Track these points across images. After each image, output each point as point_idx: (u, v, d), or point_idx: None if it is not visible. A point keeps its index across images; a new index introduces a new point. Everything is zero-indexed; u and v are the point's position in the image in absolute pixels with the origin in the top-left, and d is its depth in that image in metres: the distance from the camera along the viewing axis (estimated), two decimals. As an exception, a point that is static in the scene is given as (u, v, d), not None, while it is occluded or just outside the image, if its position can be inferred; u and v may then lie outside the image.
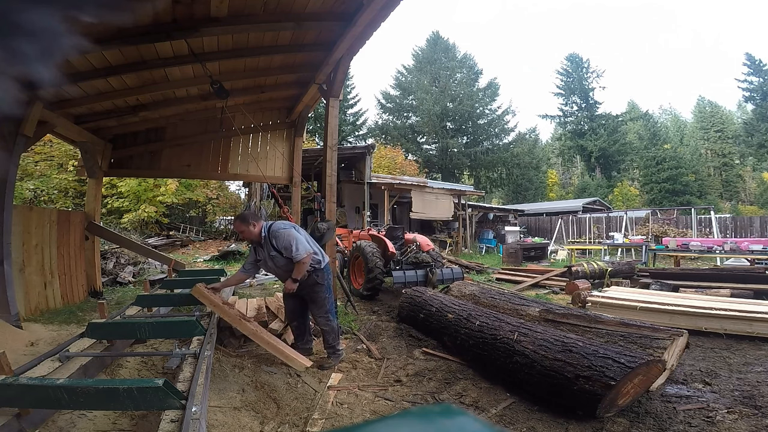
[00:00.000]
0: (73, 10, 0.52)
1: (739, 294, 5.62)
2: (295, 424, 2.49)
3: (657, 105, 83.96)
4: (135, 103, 5.44)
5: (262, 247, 3.37)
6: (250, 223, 3.30)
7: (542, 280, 8.03)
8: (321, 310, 3.46)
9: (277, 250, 3.28)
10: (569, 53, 49.79)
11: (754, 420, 2.43)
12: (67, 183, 13.00)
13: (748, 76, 36.28)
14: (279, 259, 3.31)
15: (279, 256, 3.29)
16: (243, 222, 3.35)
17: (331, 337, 3.46)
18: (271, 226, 3.34)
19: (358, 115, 36.65)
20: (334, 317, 3.56)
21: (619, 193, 33.55)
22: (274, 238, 3.26)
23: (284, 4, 3.82)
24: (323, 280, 3.46)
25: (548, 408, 2.67)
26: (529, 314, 4.10)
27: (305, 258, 3.22)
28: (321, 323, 3.48)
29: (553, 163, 46.07)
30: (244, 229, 3.31)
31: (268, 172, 7.01)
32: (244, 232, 3.31)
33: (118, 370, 2.93)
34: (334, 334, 3.48)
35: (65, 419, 2.18)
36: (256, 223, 3.33)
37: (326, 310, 3.46)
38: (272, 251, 3.30)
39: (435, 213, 15.28)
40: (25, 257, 4.56)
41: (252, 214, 3.42)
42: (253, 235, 3.32)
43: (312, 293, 3.45)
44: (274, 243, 3.27)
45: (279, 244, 3.25)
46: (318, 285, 3.43)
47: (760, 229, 14.74)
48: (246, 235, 3.35)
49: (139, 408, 1.82)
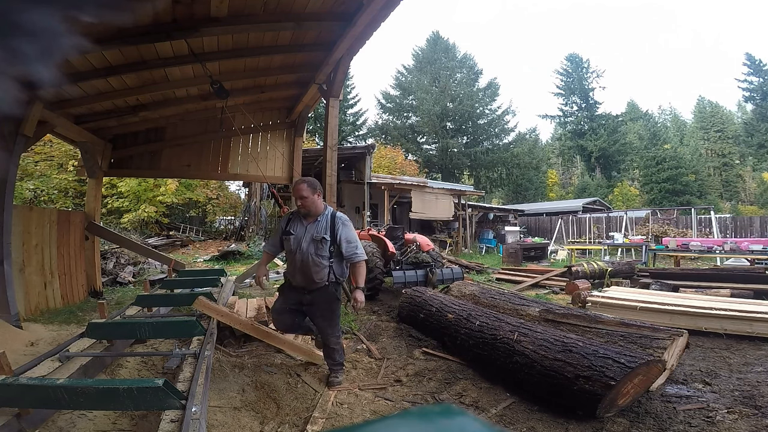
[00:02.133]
0: (73, 10, 0.52)
1: (739, 294, 5.62)
2: (295, 424, 2.49)
3: (657, 105, 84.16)
4: (135, 103, 5.44)
5: (311, 223, 2.87)
6: (318, 192, 2.85)
7: (542, 280, 8.02)
8: (335, 328, 3.02)
9: (334, 237, 2.82)
10: (569, 53, 49.87)
11: (754, 420, 2.42)
12: (67, 183, 13.00)
13: (748, 76, 36.35)
14: (323, 247, 2.81)
15: (325, 245, 2.81)
16: (312, 187, 2.83)
17: (339, 354, 3.10)
18: (336, 212, 2.95)
19: (358, 115, 36.67)
20: (340, 333, 3.23)
21: (619, 193, 33.56)
22: (341, 223, 2.84)
23: (284, 4, 3.82)
24: (340, 294, 3.09)
25: (548, 408, 2.67)
26: (529, 314, 4.10)
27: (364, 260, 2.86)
28: (332, 342, 3.02)
29: (553, 163, 46.06)
30: (308, 196, 2.79)
31: (268, 172, 7.00)
32: (307, 199, 2.79)
33: (118, 370, 2.93)
34: (342, 350, 3.16)
35: (65, 419, 2.18)
36: (321, 196, 2.92)
37: (339, 327, 3.11)
38: (326, 234, 2.81)
39: (435, 213, 15.28)
40: (25, 257, 4.56)
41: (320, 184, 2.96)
42: (315, 207, 2.84)
43: (326, 309, 2.96)
44: (338, 228, 2.83)
45: (344, 233, 2.83)
46: (336, 301, 3.00)
47: (760, 229, 14.74)
48: (308, 204, 2.81)
49: (139, 408, 1.82)
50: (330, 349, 3.04)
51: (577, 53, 47.65)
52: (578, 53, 50.11)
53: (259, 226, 15.14)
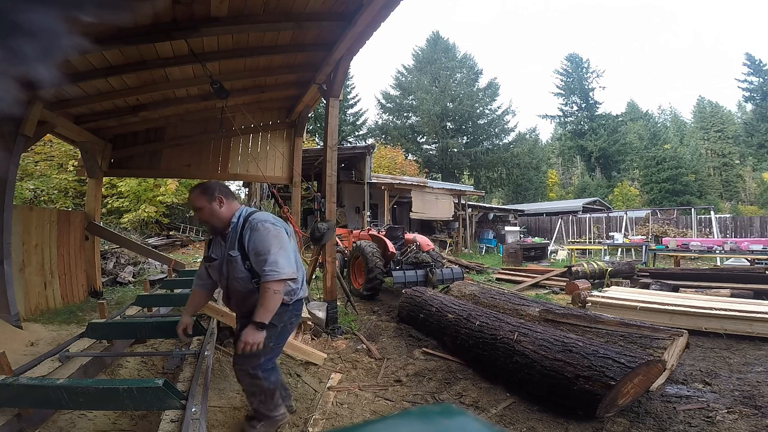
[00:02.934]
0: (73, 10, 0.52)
1: (739, 294, 5.62)
2: (295, 424, 2.49)
3: (657, 105, 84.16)
4: (135, 103, 5.44)
5: (224, 240, 2.12)
6: (216, 198, 2.05)
7: (542, 280, 8.02)
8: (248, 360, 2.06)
9: (245, 251, 2.02)
10: (569, 53, 49.93)
11: (754, 420, 2.42)
12: (67, 183, 13.00)
13: (748, 76, 36.35)
14: (238, 266, 2.03)
15: (237, 263, 2.03)
16: (204, 194, 2.06)
17: (257, 400, 2.15)
18: (251, 214, 2.10)
19: (358, 115, 36.66)
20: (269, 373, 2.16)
21: (619, 193, 33.56)
22: (250, 229, 2.01)
23: (284, 4, 3.81)
24: (281, 320, 2.10)
25: (548, 408, 2.67)
26: (529, 314, 4.10)
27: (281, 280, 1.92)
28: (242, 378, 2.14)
29: (553, 163, 46.08)
30: (203, 206, 2.05)
31: (268, 172, 7.00)
32: (203, 210, 2.05)
33: (118, 370, 2.93)
34: (263, 395, 2.14)
35: (65, 419, 2.18)
36: (226, 201, 2.09)
37: (257, 363, 2.08)
38: (234, 250, 2.03)
39: (435, 213, 15.28)
40: (25, 257, 4.56)
41: (223, 187, 2.15)
42: (218, 218, 2.07)
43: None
44: (245, 237, 2.01)
45: (252, 241, 1.99)
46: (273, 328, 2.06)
47: (760, 229, 14.74)
48: (205, 216, 2.07)
49: (139, 408, 1.82)
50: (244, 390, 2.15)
51: (577, 53, 47.79)
52: (578, 53, 50.25)
53: (259, 226, 15.11)
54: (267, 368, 2.14)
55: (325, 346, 3.97)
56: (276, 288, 1.92)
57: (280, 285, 1.93)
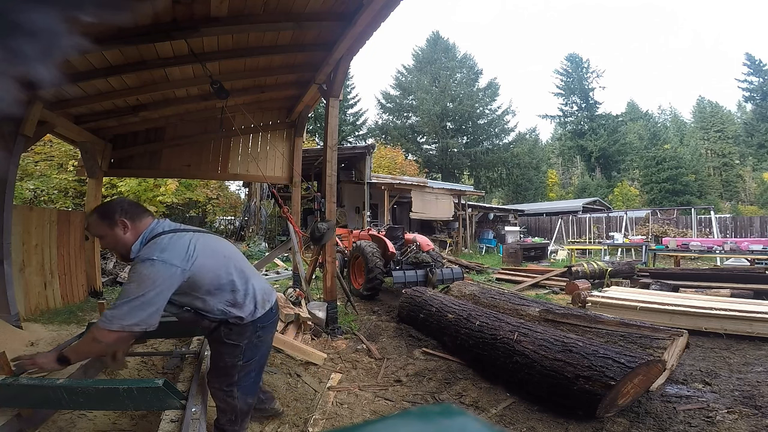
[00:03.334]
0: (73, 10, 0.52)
1: (739, 294, 5.62)
2: (295, 424, 2.49)
3: (657, 105, 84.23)
4: (135, 103, 5.44)
5: None
6: (117, 222, 1.68)
7: (542, 280, 8.02)
8: (222, 377, 1.92)
9: None
10: (569, 53, 49.94)
11: (754, 420, 2.42)
12: (67, 183, 13.00)
13: (748, 76, 36.38)
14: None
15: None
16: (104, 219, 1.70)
17: (225, 419, 1.97)
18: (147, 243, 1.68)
19: (358, 115, 36.68)
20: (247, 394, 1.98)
21: (619, 193, 33.58)
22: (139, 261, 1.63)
23: (284, 4, 3.81)
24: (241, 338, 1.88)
25: (548, 408, 2.67)
26: (529, 314, 4.10)
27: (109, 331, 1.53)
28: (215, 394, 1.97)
29: (553, 163, 46.10)
30: (104, 233, 1.71)
31: (268, 172, 7.00)
32: (105, 238, 1.73)
33: (118, 370, 2.93)
34: (233, 415, 1.96)
35: (65, 419, 2.18)
36: (131, 223, 1.70)
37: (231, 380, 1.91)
38: None
39: (435, 213, 15.28)
40: (25, 257, 4.56)
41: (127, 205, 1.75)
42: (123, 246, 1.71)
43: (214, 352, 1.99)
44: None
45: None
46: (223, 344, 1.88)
47: (760, 229, 14.74)
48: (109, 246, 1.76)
49: (139, 408, 1.82)
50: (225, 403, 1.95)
51: (577, 53, 47.81)
52: (578, 53, 50.26)
53: (259, 226, 15.14)
54: (244, 385, 1.94)
55: (325, 346, 3.97)
56: (98, 337, 1.55)
57: (105, 335, 1.54)
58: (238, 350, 1.88)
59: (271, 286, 2.11)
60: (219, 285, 1.78)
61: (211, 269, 1.76)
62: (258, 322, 1.91)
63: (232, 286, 1.82)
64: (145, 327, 1.58)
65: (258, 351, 1.97)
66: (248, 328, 1.88)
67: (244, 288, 1.86)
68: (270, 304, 1.99)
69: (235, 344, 1.87)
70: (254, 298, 1.90)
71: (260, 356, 2.01)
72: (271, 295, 2.05)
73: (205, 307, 1.78)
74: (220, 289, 1.79)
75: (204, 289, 1.75)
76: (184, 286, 1.69)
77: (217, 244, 1.91)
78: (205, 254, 1.75)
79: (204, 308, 1.79)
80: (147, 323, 1.58)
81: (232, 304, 1.82)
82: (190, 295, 1.74)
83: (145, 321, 1.57)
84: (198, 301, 1.77)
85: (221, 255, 1.85)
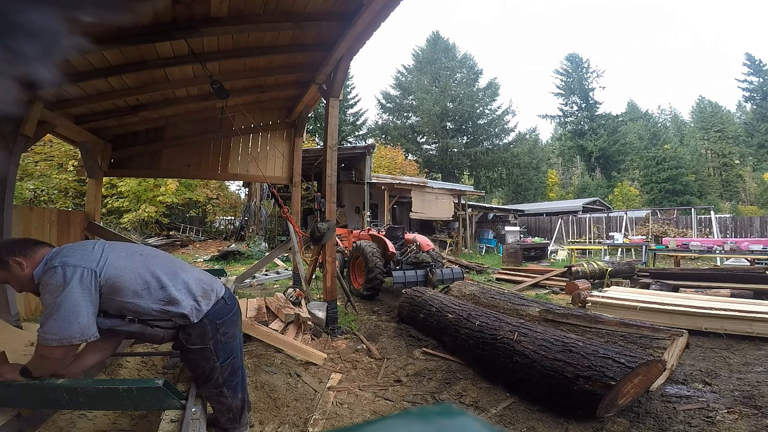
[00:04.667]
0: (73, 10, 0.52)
1: (739, 294, 5.62)
2: (295, 424, 2.50)
3: (657, 105, 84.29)
4: (135, 103, 5.44)
5: None
6: (9, 264, 1.61)
7: (542, 280, 8.03)
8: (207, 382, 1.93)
9: None
10: (569, 53, 49.91)
11: (754, 420, 2.43)
12: (67, 183, 13.02)
13: (748, 76, 36.41)
14: None
15: None
16: None
17: (225, 419, 2.05)
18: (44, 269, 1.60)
19: (358, 115, 36.68)
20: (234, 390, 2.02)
21: (619, 193, 33.58)
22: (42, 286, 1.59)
23: (284, 4, 3.81)
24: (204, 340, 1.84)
25: (548, 408, 2.67)
26: (529, 314, 4.10)
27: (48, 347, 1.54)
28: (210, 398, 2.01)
29: (553, 163, 46.11)
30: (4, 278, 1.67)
31: (268, 172, 7.00)
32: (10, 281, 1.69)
33: (118, 370, 2.93)
34: (231, 414, 2.04)
35: (65, 419, 2.18)
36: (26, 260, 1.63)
37: (217, 382, 1.93)
38: None
39: (435, 213, 15.29)
40: (25, 257, 4.56)
41: (12, 245, 1.71)
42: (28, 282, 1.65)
43: (187, 362, 1.96)
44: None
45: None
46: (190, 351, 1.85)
47: (760, 229, 14.74)
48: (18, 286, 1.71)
49: (139, 408, 1.82)
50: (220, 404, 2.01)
51: (577, 53, 47.82)
52: (578, 53, 50.28)
53: (259, 226, 15.15)
54: (232, 384, 1.98)
55: (325, 346, 3.97)
56: (44, 353, 1.57)
57: (49, 351, 1.55)
58: (208, 353, 1.86)
59: (213, 276, 2.05)
60: (145, 284, 1.73)
61: (130, 269, 1.72)
62: (214, 318, 1.86)
63: (159, 283, 1.76)
64: (85, 337, 1.56)
65: (230, 348, 1.95)
66: (206, 328, 1.84)
67: (173, 283, 1.80)
68: (216, 295, 1.92)
69: (201, 348, 1.84)
70: (189, 291, 1.83)
71: (235, 352, 2.00)
72: (214, 284, 1.96)
73: (140, 310, 1.72)
74: (147, 288, 1.73)
75: (130, 290, 1.70)
76: (107, 291, 1.65)
77: (131, 247, 1.90)
78: (118, 255, 1.73)
79: (141, 312, 1.72)
80: (84, 333, 1.55)
81: (167, 301, 1.75)
82: (118, 300, 1.68)
83: (80, 331, 1.54)
84: (130, 305, 1.70)
85: (137, 254, 1.82)
